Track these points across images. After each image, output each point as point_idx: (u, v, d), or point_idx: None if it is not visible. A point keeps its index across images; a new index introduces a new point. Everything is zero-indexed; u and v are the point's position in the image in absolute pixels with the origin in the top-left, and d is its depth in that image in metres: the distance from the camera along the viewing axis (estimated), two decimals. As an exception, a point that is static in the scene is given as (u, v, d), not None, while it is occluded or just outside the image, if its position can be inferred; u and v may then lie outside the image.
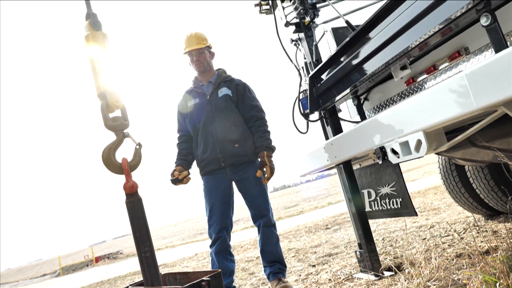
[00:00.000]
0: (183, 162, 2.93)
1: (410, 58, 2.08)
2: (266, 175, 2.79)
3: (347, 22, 2.64)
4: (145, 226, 1.50)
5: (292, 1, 2.85)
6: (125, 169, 1.53)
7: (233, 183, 2.92)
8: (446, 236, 3.35)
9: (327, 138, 2.80)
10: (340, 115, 2.87)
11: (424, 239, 3.46)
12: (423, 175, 16.43)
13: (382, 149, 1.97)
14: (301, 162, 2.88)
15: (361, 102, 2.80)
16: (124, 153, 1.60)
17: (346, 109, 3.08)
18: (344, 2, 3.04)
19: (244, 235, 10.75)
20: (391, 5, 1.90)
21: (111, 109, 1.56)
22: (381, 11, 1.96)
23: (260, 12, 3.31)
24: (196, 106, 2.93)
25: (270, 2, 3.27)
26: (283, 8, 2.96)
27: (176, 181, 2.86)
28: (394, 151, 1.90)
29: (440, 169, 3.59)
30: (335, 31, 2.96)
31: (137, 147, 1.60)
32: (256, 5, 3.29)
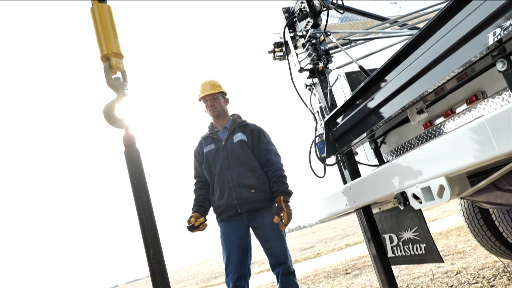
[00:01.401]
0: (200, 208, 2.91)
1: (427, 102, 2.08)
2: (283, 221, 2.74)
3: (360, 67, 2.68)
4: (142, 174, 1.62)
5: (305, 48, 2.93)
6: (125, 122, 1.67)
7: (251, 229, 2.87)
8: (475, 283, 3.18)
9: (345, 182, 2.76)
10: (357, 158, 2.84)
11: (451, 286, 3.29)
12: (443, 214, 15.94)
13: (403, 195, 1.92)
14: (319, 207, 2.83)
15: (378, 145, 2.78)
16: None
17: (363, 152, 3.06)
18: (357, 47, 3.10)
19: (260, 279, 10.42)
20: (404, 52, 1.93)
21: (113, 70, 1.71)
22: (395, 57, 1.99)
23: (274, 58, 3.40)
24: (212, 152, 2.96)
25: (283, 48, 3.36)
26: (297, 54, 3.03)
27: (192, 228, 2.83)
28: (415, 197, 1.85)
29: (463, 212, 3.47)
30: (349, 75, 3.01)
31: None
32: (270, 52, 3.39)
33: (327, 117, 2.65)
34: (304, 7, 2.96)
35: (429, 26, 1.76)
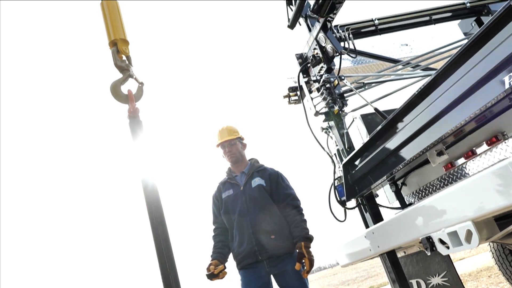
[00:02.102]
0: (219, 255, 2.87)
1: (446, 143, 2.06)
2: (305, 268, 2.66)
3: (375, 109, 2.70)
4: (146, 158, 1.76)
5: (320, 92, 2.98)
6: (130, 97, 1.84)
7: (272, 276, 2.80)
8: (512, 331, 2.98)
9: (367, 226, 2.71)
10: (378, 200, 2.80)
11: (487, 334, 3.09)
12: (471, 251, 15.22)
13: (429, 239, 1.86)
14: (341, 252, 2.76)
15: (399, 187, 2.73)
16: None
17: (384, 194, 3.01)
18: (371, 89, 3.14)
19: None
20: (421, 94, 1.95)
21: (120, 54, 1.89)
22: (411, 99, 2.00)
23: (289, 102, 3.47)
24: (230, 197, 2.95)
25: (298, 93, 3.43)
26: (312, 98, 3.08)
27: (211, 276, 2.77)
28: (442, 241, 1.79)
29: (492, 253, 3.33)
30: (364, 117, 3.03)
31: (140, 85, 1.92)
32: (285, 96, 3.46)
33: (345, 160, 2.64)
34: (317, 53, 3.04)
35: (445, 68, 1.78)
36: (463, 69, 1.69)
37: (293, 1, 3.13)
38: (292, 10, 3.15)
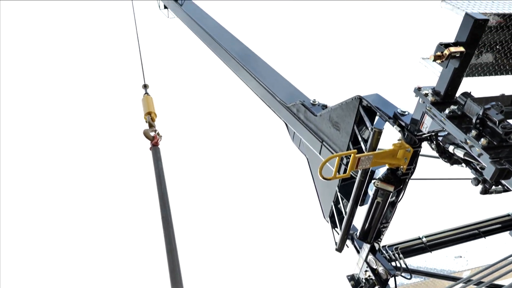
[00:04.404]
0: None
1: None
2: None
3: None
4: (161, 163, 3.99)
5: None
6: (155, 136, 4.33)
7: None
8: None
9: None
10: None
11: None
12: None
13: None
14: None
15: None
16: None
17: None
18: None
19: None
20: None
21: (151, 120, 4.58)
22: None
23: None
24: None
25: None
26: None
27: None
28: None
29: None
30: None
31: (160, 135, 4.37)
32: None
33: None
34: (369, 276, 2.98)
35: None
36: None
37: (338, 225, 3.29)
38: (338, 234, 3.27)
